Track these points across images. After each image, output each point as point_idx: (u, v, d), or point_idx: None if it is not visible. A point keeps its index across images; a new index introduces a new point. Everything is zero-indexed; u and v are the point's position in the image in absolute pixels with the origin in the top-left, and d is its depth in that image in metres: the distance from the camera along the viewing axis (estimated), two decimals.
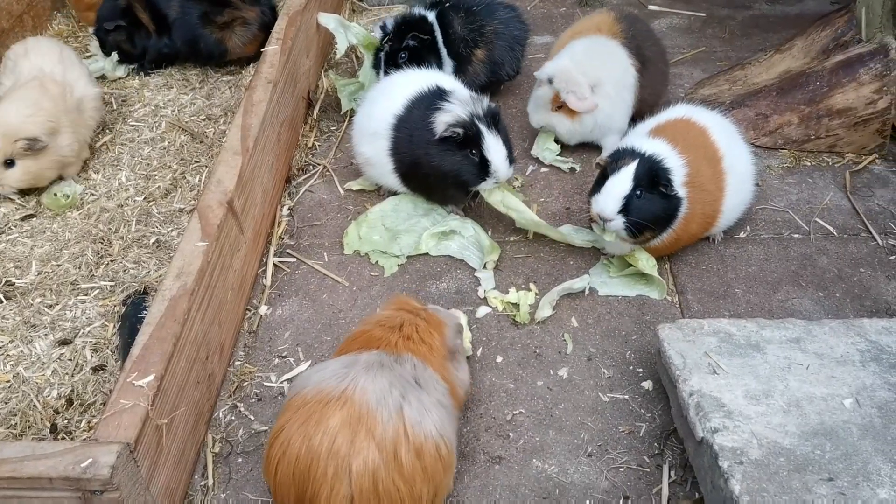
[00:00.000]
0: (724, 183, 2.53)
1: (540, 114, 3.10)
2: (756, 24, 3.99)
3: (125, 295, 2.51)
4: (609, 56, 3.01)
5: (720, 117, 2.71)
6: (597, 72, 2.93)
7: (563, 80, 2.91)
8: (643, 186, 2.38)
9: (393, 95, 2.77)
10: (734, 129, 2.71)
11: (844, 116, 2.99)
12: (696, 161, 2.47)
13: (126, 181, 3.01)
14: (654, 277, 2.55)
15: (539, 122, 3.13)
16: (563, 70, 2.93)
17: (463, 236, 2.78)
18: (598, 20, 3.19)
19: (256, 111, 2.77)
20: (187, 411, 2.04)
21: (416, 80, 2.80)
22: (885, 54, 2.92)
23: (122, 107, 3.42)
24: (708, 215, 2.54)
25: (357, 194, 3.05)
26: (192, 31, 3.56)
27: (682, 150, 2.47)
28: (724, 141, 2.57)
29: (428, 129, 2.62)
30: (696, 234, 2.59)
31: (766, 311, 2.50)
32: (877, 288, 2.55)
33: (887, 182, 2.96)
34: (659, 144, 2.48)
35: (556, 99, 3.00)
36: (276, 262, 2.75)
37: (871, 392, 1.90)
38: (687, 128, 2.58)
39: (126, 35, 3.60)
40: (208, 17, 3.57)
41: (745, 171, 2.64)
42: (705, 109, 2.71)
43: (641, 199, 2.38)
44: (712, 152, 2.53)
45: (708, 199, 2.51)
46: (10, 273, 2.61)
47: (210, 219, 2.32)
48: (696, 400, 1.91)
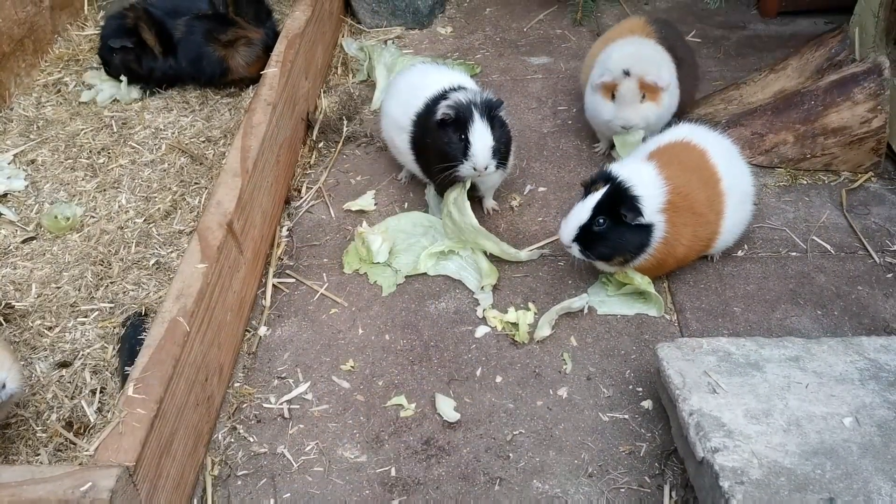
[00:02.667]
0: (723, 205, 2.55)
1: (630, 109, 2.98)
2: (750, 45, 4.02)
3: (125, 317, 2.51)
4: (653, 48, 3.08)
5: (720, 138, 2.72)
6: (654, 56, 3.00)
7: (640, 65, 2.92)
8: (605, 214, 2.39)
9: (416, 95, 2.91)
10: (734, 149, 2.72)
11: (839, 135, 3.01)
12: (685, 185, 2.48)
13: (126, 203, 3.02)
14: (651, 294, 2.56)
15: (630, 119, 3.00)
16: (633, 55, 2.95)
17: (461, 256, 2.79)
18: (631, 25, 3.28)
19: (256, 133, 2.78)
20: (186, 434, 2.04)
21: (440, 79, 2.91)
22: (878, 73, 2.95)
23: (123, 129, 3.44)
24: (701, 238, 2.55)
25: (356, 214, 3.06)
26: (196, 49, 3.58)
27: (671, 174, 2.48)
28: (723, 163, 2.59)
29: (432, 118, 2.75)
30: (686, 257, 2.59)
31: (764, 330, 2.50)
32: (875, 306, 2.56)
33: (883, 200, 2.97)
34: (640, 169, 2.49)
35: (642, 86, 2.94)
36: (276, 282, 2.76)
37: (870, 410, 1.90)
38: (685, 150, 2.59)
39: (134, 55, 3.61)
40: (212, 34, 3.60)
41: (745, 191, 2.66)
42: (706, 130, 2.73)
43: (602, 227, 2.41)
44: (709, 175, 2.55)
45: (701, 222, 2.52)
46: (10, 295, 2.61)
47: (210, 240, 2.33)
48: (696, 419, 1.91)
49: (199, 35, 3.59)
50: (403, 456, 2.19)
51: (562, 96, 3.70)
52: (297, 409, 2.34)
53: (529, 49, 4.10)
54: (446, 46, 4.16)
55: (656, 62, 2.99)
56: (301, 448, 2.23)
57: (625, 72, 2.93)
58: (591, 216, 2.41)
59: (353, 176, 3.27)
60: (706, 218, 2.52)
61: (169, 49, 3.61)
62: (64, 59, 3.89)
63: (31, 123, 3.47)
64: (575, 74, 3.75)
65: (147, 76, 3.65)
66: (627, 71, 2.92)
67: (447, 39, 4.24)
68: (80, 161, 3.25)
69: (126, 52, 3.57)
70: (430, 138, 2.77)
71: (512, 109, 3.62)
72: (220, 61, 3.60)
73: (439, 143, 2.71)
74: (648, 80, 2.91)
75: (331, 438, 2.25)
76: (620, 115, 3.01)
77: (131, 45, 3.55)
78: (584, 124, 3.47)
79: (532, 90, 3.76)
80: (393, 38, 4.22)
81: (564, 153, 3.35)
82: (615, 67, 2.95)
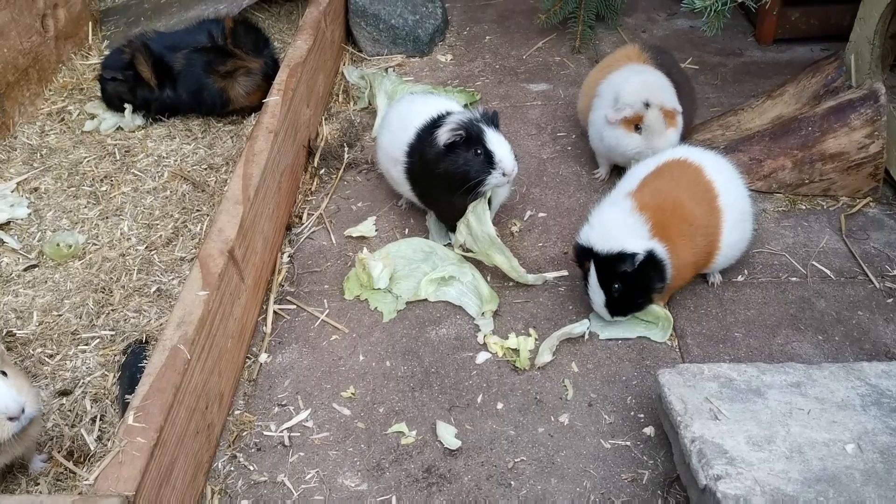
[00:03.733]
0: (721, 220, 2.57)
1: (658, 137, 3.00)
2: (747, 71, 4.06)
3: (125, 344, 2.51)
4: (658, 75, 3.12)
5: (717, 156, 2.74)
6: (661, 83, 3.04)
7: (656, 93, 2.96)
8: (612, 281, 2.46)
9: (406, 126, 2.95)
10: (732, 168, 2.73)
11: (837, 161, 3.03)
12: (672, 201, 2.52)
13: (128, 230, 3.04)
14: (661, 316, 2.57)
15: (660, 148, 2.96)
16: (648, 85, 2.99)
17: (462, 282, 2.80)
18: (626, 52, 3.33)
19: (258, 160, 2.81)
20: (186, 462, 2.03)
21: (427, 108, 2.94)
22: (875, 100, 2.98)
23: (126, 157, 3.47)
24: (702, 248, 2.57)
25: (357, 240, 3.08)
26: (196, 81, 3.62)
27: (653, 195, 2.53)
28: (720, 179, 2.60)
29: (434, 145, 2.75)
30: (696, 263, 2.61)
31: (766, 355, 2.50)
32: (875, 331, 2.56)
33: (882, 225, 2.98)
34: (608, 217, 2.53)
35: (666, 114, 2.98)
36: (277, 309, 2.76)
37: (872, 437, 1.89)
38: (680, 168, 2.61)
39: (127, 87, 3.67)
40: (211, 66, 3.64)
41: (744, 209, 2.67)
42: (701, 149, 2.75)
43: (620, 289, 2.47)
44: (705, 191, 2.58)
45: (699, 233, 2.54)
46: (12, 323, 2.62)
47: (211, 268, 2.34)
48: (698, 446, 1.90)
49: (199, 68, 3.63)
50: (404, 484, 2.17)
51: (561, 122, 3.74)
52: (298, 437, 2.33)
53: (529, 76, 4.15)
54: (446, 74, 4.21)
55: (667, 88, 3.05)
56: (301, 476, 2.21)
57: (645, 104, 2.96)
58: (606, 292, 2.48)
59: (354, 202, 3.29)
60: (705, 230, 2.54)
61: (167, 81, 3.66)
62: (68, 88, 3.93)
63: (35, 152, 3.50)
64: (574, 101, 3.78)
65: (142, 106, 3.70)
66: (648, 102, 2.95)
67: (447, 67, 4.28)
68: (82, 189, 3.27)
69: (118, 83, 3.64)
70: (438, 166, 2.75)
71: (512, 136, 3.65)
72: (220, 92, 3.64)
73: (454, 166, 2.71)
74: (669, 107, 2.96)
75: (331, 466, 2.24)
76: (652, 145, 3.00)
77: (122, 77, 3.63)
78: (583, 150, 3.49)
79: (532, 117, 3.80)
80: (394, 66, 4.26)
81: (564, 179, 3.37)
82: (633, 100, 2.96)
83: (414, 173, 2.93)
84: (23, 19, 3.70)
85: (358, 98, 3.97)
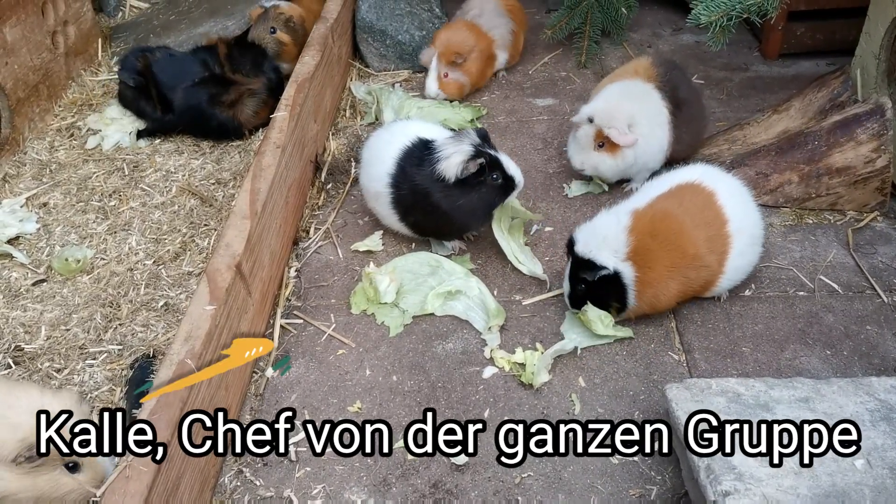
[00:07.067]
0: (728, 246, 2.57)
1: (583, 154, 3.18)
2: (753, 86, 4.07)
3: (133, 359, 2.52)
4: (642, 96, 3.16)
5: (731, 179, 2.74)
6: (631, 110, 3.08)
7: (603, 117, 3.06)
8: (578, 280, 2.58)
9: (383, 157, 2.94)
10: (745, 191, 2.73)
11: (844, 175, 3.03)
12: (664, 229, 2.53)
13: (136, 245, 3.06)
14: (613, 335, 2.61)
15: (582, 162, 3.20)
16: (603, 108, 3.08)
17: (468, 296, 2.80)
18: (636, 65, 3.36)
19: (265, 175, 2.82)
20: (193, 477, 2.03)
21: (399, 137, 2.94)
22: (881, 114, 2.98)
23: (134, 172, 3.50)
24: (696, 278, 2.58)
25: (364, 255, 3.08)
26: (202, 114, 3.64)
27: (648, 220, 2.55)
28: (732, 204, 2.60)
29: (434, 179, 2.76)
30: (683, 293, 2.61)
31: (773, 370, 2.49)
32: (884, 345, 2.54)
33: (890, 239, 2.98)
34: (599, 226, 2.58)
35: (598, 136, 3.10)
36: (283, 323, 2.77)
37: (882, 452, 1.88)
38: (691, 192, 2.61)
39: (131, 95, 3.72)
40: (215, 98, 3.65)
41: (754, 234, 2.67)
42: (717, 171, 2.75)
43: (583, 289, 2.60)
44: (713, 216, 2.57)
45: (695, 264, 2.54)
46: (20, 338, 2.63)
47: (218, 282, 2.34)
48: (706, 462, 1.89)
49: (204, 102, 3.64)
50: (411, 500, 2.17)
51: (568, 137, 3.74)
52: (304, 452, 2.32)
53: (535, 91, 4.16)
54: None
55: (627, 117, 3.06)
56: (308, 492, 2.21)
57: (589, 119, 3.08)
58: (571, 285, 2.62)
59: (361, 217, 3.30)
60: (702, 260, 2.54)
61: (167, 109, 3.68)
62: (77, 103, 3.97)
63: (44, 167, 3.53)
64: None
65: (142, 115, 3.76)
66: (592, 118, 3.08)
67: None
68: (91, 204, 3.29)
69: (126, 88, 3.72)
70: (447, 199, 2.76)
71: (518, 150, 3.67)
72: (230, 121, 3.67)
73: (472, 199, 2.75)
74: (606, 133, 3.06)
75: (338, 481, 2.23)
76: (571, 155, 3.25)
77: (132, 85, 3.69)
78: None
79: (538, 131, 3.81)
80: (400, 82, 4.29)
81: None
82: (586, 112, 3.11)
83: (402, 204, 2.90)
84: (34, 36, 3.74)
85: (365, 113, 3.99)
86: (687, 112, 3.21)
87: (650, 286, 2.52)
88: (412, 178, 2.83)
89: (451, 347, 2.65)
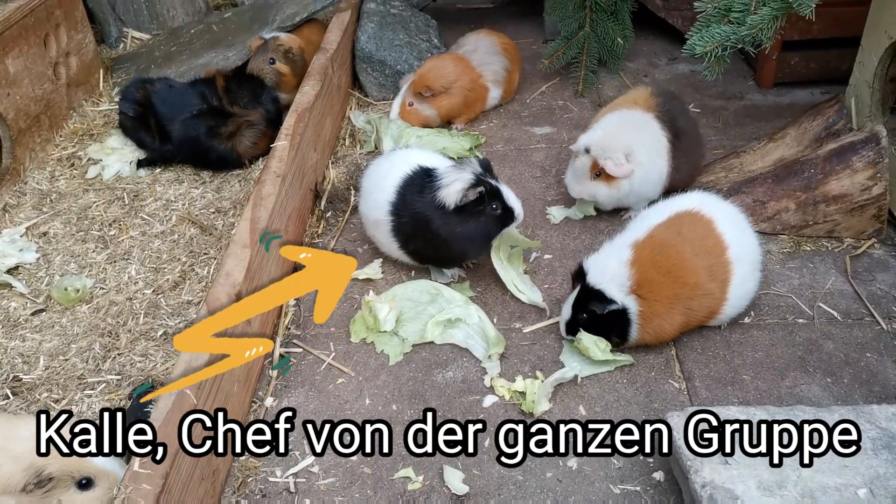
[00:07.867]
0: (730, 273, 2.58)
1: (580, 183, 3.24)
2: (748, 114, 4.11)
3: (131, 389, 2.51)
4: (640, 126, 3.19)
5: (729, 207, 2.76)
6: (629, 140, 3.11)
7: (599, 147, 3.09)
8: (583, 309, 2.58)
9: (383, 186, 2.96)
10: (743, 218, 2.75)
11: (841, 202, 3.05)
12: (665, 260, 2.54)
13: (136, 274, 3.06)
14: (612, 360, 2.60)
15: (580, 192, 3.25)
16: (599, 139, 3.12)
17: (468, 324, 2.80)
18: (635, 95, 3.39)
19: (265, 204, 2.83)
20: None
21: (400, 165, 2.97)
22: (876, 142, 3.01)
23: (134, 201, 3.51)
24: (699, 308, 2.59)
25: (363, 283, 3.09)
26: (201, 146, 3.67)
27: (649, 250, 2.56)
28: (731, 231, 2.61)
29: (435, 207, 2.77)
30: (687, 324, 2.62)
31: (774, 398, 2.48)
32: (884, 373, 2.54)
33: (888, 266, 2.99)
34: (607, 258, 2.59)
35: (594, 167, 3.14)
36: (283, 352, 2.76)
37: (884, 481, 1.87)
38: (690, 220, 2.63)
39: (131, 125, 3.75)
40: (214, 130, 3.67)
41: (754, 260, 2.68)
42: (715, 198, 2.77)
43: (585, 320, 2.59)
44: (713, 244, 2.58)
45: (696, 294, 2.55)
46: (18, 368, 2.62)
47: None
48: (708, 492, 1.88)
49: (202, 135, 3.66)
50: None
51: (565, 165, 3.75)
52: (304, 483, 2.30)
53: (532, 119, 4.20)
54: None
55: (624, 148, 3.09)
56: None
57: (585, 149, 3.12)
58: (573, 313, 2.61)
59: (361, 245, 3.31)
60: (704, 289, 2.54)
61: (165, 139, 3.71)
62: (78, 133, 3.99)
63: (45, 196, 3.54)
64: None
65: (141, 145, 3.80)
66: (588, 149, 3.11)
67: None
68: (91, 233, 3.30)
69: (125, 117, 3.76)
70: (446, 227, 2.78)
71: (516, 178, 3.69)
72: (228, 152, 3.70)
73: (469, 227, 2.77)
74: (601, 164, 3.09)
75: None
76: (569, 183, 3.30)
77: (131, 115, 3.73)
78: None
79: (536, 159, 3.84)
80: None
81: (569, 221, 3.39)
82: (583, 142, 3.14)
83: (402, 232, 2.92)
84: (36, 67, 3.78)
85: (364, 142, 4.02)
86: (685, 142, 3.24)
87: (653, 319, 2.53)
88: (413, 206, 2.84)
89: (451, 376, 2.64)
